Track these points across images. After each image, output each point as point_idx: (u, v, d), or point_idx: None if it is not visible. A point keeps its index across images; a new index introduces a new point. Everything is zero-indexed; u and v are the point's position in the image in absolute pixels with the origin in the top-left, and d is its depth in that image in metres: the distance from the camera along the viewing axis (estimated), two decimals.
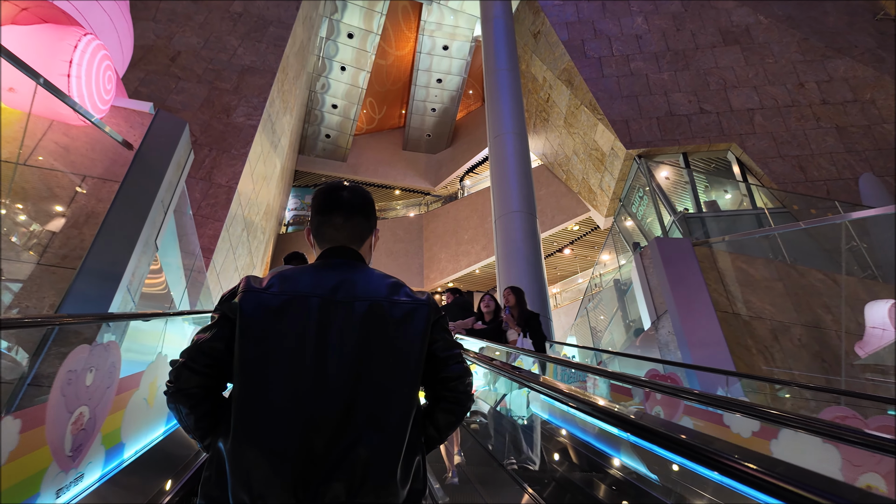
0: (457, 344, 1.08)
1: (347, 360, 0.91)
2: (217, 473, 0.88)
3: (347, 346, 0.92)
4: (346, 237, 1.10)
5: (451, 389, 1.04)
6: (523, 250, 7.56)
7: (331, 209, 1.10)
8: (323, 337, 0.92)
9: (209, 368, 0.93)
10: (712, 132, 10.17)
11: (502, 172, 8.63)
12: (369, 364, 0.92)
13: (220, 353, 0.93)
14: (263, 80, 8.92)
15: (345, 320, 0.94)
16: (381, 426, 0.89)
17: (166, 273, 3.48)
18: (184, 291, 4.01)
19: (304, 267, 1.05)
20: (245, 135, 8.23)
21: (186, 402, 0.93)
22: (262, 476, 0.83)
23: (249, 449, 0.85)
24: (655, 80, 10.91)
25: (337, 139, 18.21)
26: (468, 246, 14.42)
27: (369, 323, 0.95)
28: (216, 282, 7.35)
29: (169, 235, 3.24)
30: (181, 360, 0.95)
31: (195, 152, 8.06)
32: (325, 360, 0.90)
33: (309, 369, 0.89)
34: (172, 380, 0.94)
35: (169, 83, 8.60)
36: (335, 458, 0.85)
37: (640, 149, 10.06)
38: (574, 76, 11.41)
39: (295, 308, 0.94)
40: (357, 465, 0.85)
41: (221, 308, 0.98)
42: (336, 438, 0.86)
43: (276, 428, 0.86)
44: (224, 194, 7.64)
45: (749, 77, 10.69)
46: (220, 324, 0.96)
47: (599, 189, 11.56)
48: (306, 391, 0.88)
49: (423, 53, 16.74)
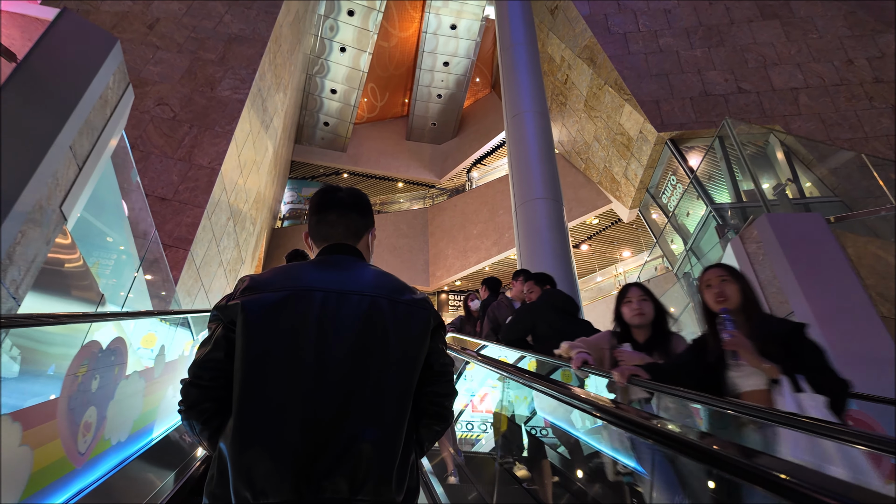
0: (450, 359, 1.08)
1: (347, 357, 0.91)
2: (220, 472, 0.87)
3: (347, 342, 0.92)
4: (341, 234, 1.11)
5: (436, 405, 1.03)
6: (549, 242, 6.60)
7: (326, 207, 1.12)
8: (323, 333, 0.92)
9: (215, 381, 0.93)
10: (752, 113, 9.19)
11: (522, 156, 7.66)
12: (369, 360, 0.92)
13: (222, 362, 0.93)
14: (253, 51, 7.91)
15: (345, 316, 0.94)
16: (380, 422, 0.89)
17: (99, 257, 2.54)
18: (132, 284, 3.05)
19: (304, 263, 1.05)
20: (231, 110, 7.23)
21: (199, 419, 0.92)
22: (263, 472, 0.83)
23: (251, 446, 0.84)
24: (687, 57, 9.95)
25: (336, 127, 17.15)
26: (477, 241, 13.41)
27: (370, 319, 0.95)
28: (195, 277, 6.35)
29: (95, 204, 2.30)
30: (188, 378, 0.94)
31: (173, 129, 7.07)
32: (325, 356, 0.90)
33: (309, 366, 0.89)
34: (182, 398, 0.93)
35: (146, 53, 7.60)
36: (337, 453, 0.85)
37: (672, 132, 9.09)
38: (597, 54, 10.43)
39: (295, 304, 0.94)
40: (359, 460, 0.85)
41: (218, 314, 0.97)
42: (336, 434, 0.86)
43: (277, 424, 0.85)
44: (206, 177, 6.63)
45: (791, 54, 9.72)
46: (218, 333, 0.95)
47: (624, 178, 10.57)
48: (307, 387, 0.88)
49: (429, 33, 15.61)
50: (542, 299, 3.04)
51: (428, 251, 14.27)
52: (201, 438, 0.93)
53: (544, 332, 2.69)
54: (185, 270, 6.04)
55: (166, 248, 6.02)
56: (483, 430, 3.59)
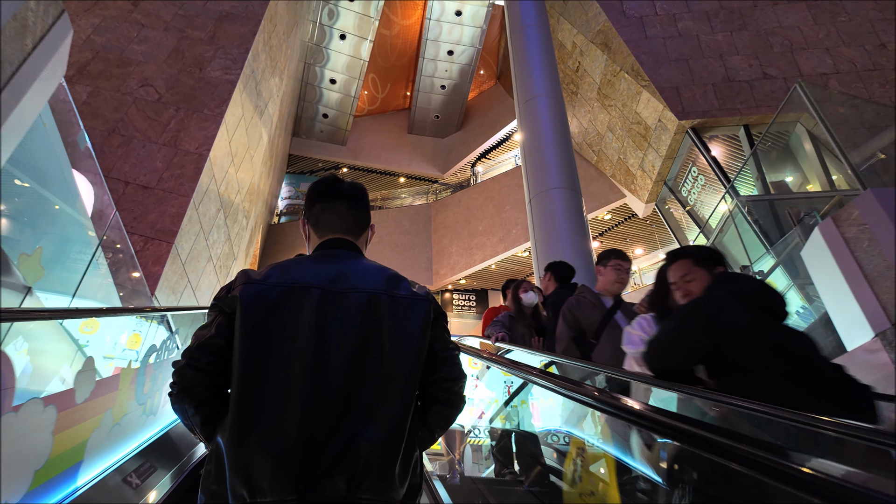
0: (454, 344, 1.06)
1: (347, 353, 0.90)
2: (216, 468, 0.85)
3: (347, 338, 0.91)
4: (347, 226, 1.10)
5: (445, 390, 1.01)
6: (567, 234, 6.06)
7: (334, 196, 1.10)
8: (322, 329, 0.91)
9: (212, 366, 0.91)
10: (780, 100, 8.61)
11: (536, 143, 7.11)
12: (369, 357, 0.91)
13: (222, 349, 0.91)
14: (245, 29, 7.34)
15: (344, 312, 0.93)
16: (381, 420, 0.87)
17: (41, 239, 1.99)
18: (86, 269, 2.48)
19: (303, 258, 1.04)
20: (221, 91, 6.66)
21: (192, 402, 0.90)
22: (261, 470, 0.80)
23: (249, 443, 0.82)
24: (708, 41, 9.40)
25: (336, 119, 16.55)
26: (483, 238, 12.83)
27: (369, 315, 0.94)
28: (180, 273, 5.78)
29: (31, 171, 1.76)
30: (183, 360, 0.92)
31: (158, 112, 6.49)
32: (324, 352, 0.89)
33: (308, 362, 0.87)
34: (176, 380, 0.91)
35: (129, 31, 7.03)
36: (335, 451, 0.83)
37: (693, 120, 8.54)
38: (612, 38, 9.87)
39: (294, 299, 0.93)
40: (358, 458, 0.84)
41: (218, 304, 0.95)
42: (335, 432, 0.84)
43: (275, 421, 0.83)
44: (192, 163, 6.07)
45: (819, 38, 9.17)
46: (219, 319, 0.93)
47: (640, 170, 10.01)
48: (306, 384, 0.86)
49: (433, 20, 14.96)
50: (723, 289, 1.50)
51: (431, 248, 13.70)
52: (193, 424, 0.91)
53: (745, 350, 1.33)
54: (169, 265, 5.48)
55: (148, 241, 5.46)
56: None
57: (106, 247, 2.80)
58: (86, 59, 6.65)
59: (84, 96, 6.31)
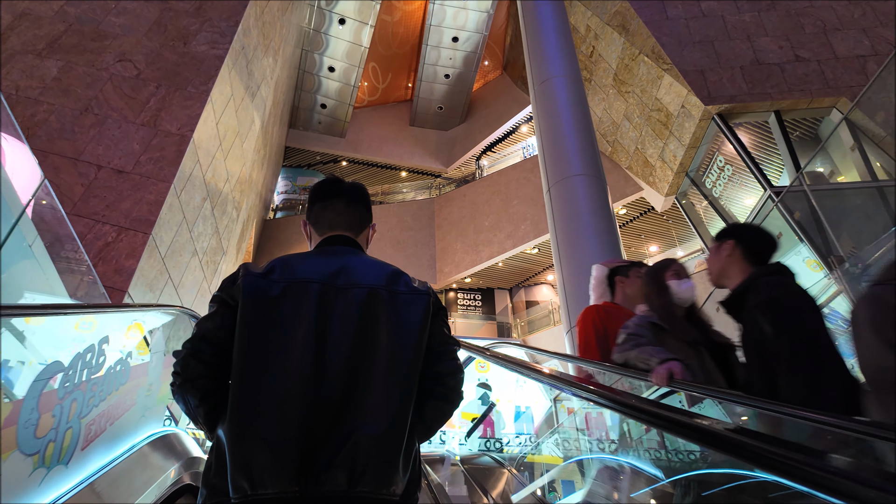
0: (453, 339, 1.06)
1: (346, 348, 0.90)
2: (218, 460, 0.85)
3: (347, 333, 0.91)
4: (346, 223, 1.11)
5: (442, 385, 1.00)
6: (592, 226, 5.46)
7: (333, 194, 1.12)
8: (323, 324, 0.91)
9: (216, 357, 0.90)
10: (814, 84, 8.00)
11: (554, 127, 6.51)
12: (368, 352, 0.90)
13: (225, 340, 0.90)
14: (235, 0, 6.69)
15: (344, 307, 0.93)
16: (381, 414, 0.87)
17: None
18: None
19: (304, 253, 1.04)
20: (207, 67, 6.01)
21: (196, 393, 0.88)
22: (262, 463, 0.80)
23: (249, 436, 0.82)
24: (735, 22, 8.78)
25: (335, 110, 15.89)
26: (489, 234, 12.20)
27: (369, 311, 0.94)
28: (159, 268, 5.14)
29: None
30: (185, 350, 0.90)
31: (136, 89, 5.81)
32: (324, 346, 0.89)
33: (308, 356, 0.87)
34: (179, 371, 0.89)
35: (107, 3, 6.39)
36: (335, 445, 0.83)
37: (721, 105, 7.92)
38: (630, 20, 9.25)
39: (295, 294, 0.93)
40: (358, 452, 0.83)
41: (221, 295, 0.95)
42: (336, 426, 0.84)
43: (276, 415, 0.83)
44: (174, 145, 5.43)
45: (855, 18, 8.55)
46: (222, 311, 0.93)
47: (660, 160, 9.38)
48: (306, 378, 0.86)
49: (437, 3, 14.25)
50: None
51: (434, 245, 13.07)
52: (196, 415, 0.90)
53: None
54: (146, 259, 4.84)
55: (121, 232, 4.82)
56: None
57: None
58: (58, 31, 6.01)
59: (55, 72, 5.67)
